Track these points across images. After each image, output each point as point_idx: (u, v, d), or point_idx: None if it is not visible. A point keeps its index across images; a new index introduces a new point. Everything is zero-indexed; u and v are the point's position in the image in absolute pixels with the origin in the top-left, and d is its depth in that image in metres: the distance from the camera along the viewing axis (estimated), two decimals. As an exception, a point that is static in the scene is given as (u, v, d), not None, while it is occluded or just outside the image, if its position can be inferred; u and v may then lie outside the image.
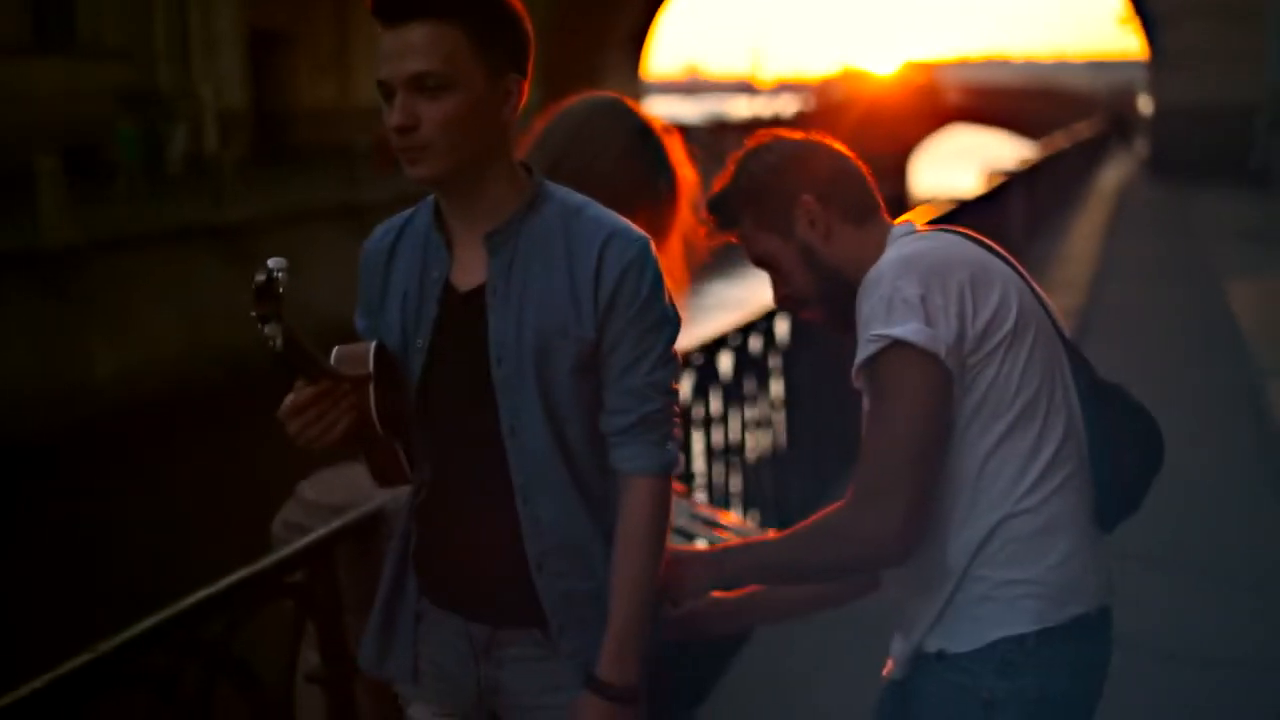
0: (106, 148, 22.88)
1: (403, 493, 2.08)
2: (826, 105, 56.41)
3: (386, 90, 1.83)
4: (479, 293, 1.93)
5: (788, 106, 56.18)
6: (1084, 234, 17.29)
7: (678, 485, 2.51)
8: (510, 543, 1.94)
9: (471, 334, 1.91)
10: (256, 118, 29.80)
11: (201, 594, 2.20)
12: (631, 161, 2.29)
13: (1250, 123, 23.00)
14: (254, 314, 1.67)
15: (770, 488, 5.21)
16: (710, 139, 39.75)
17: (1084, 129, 27.12)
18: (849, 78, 79.95)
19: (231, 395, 17.88)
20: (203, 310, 18.62)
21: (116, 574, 11.58)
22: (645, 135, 2.32)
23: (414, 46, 1.80)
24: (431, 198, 1.98)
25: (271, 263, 1.69)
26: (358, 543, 2.42)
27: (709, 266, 2.52)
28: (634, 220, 2.15)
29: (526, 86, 1.92)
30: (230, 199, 20.04)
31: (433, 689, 2.03)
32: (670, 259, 2.31)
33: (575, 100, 2.36)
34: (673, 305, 1.94)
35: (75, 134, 22.51)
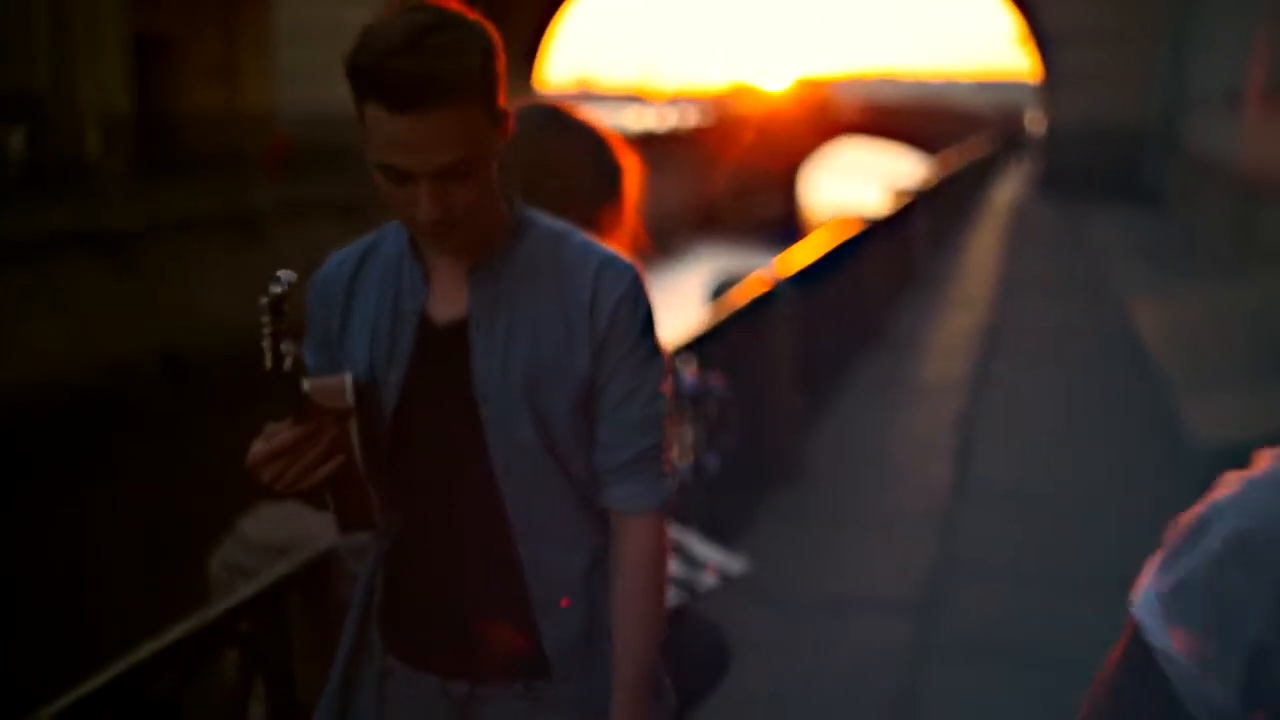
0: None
1: (355, 535, 1.91)
2: (720, 119, 56.74)
3: (400, 176, 1.66)
4: (460, 327, 1.80)
5: (681, 120, 56.36)
6: (983, 250, 17.50)
7: None
8: (505, 590, 1.81)
9: (453, 370, 1.78)
10: (141, 123, 29.03)
11: (146, 649, 2.03)
12: (588, 168, 2.27)
13: (1141, 142, 23.52)
14: (268, 330, 1.58)
15: (700, 510, 5.10)
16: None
17: (977, 146, 27.51)
18: (742, 92, 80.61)
19: (118, 408, 17.41)
20: (85, 321, 18.08)
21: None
22: (598, 141, 2.30)
23: (444, 136, 1.62)
24: (397, 224, 1.84)
25: (283, 275, 1.61)
26: (310, 587, 2.23)
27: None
28: (597, 225, 2.18)
29: None
30: (114, 205, 19.46)
31: None
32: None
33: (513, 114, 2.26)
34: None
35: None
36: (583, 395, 1.79)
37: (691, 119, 56.89)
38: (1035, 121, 40.26)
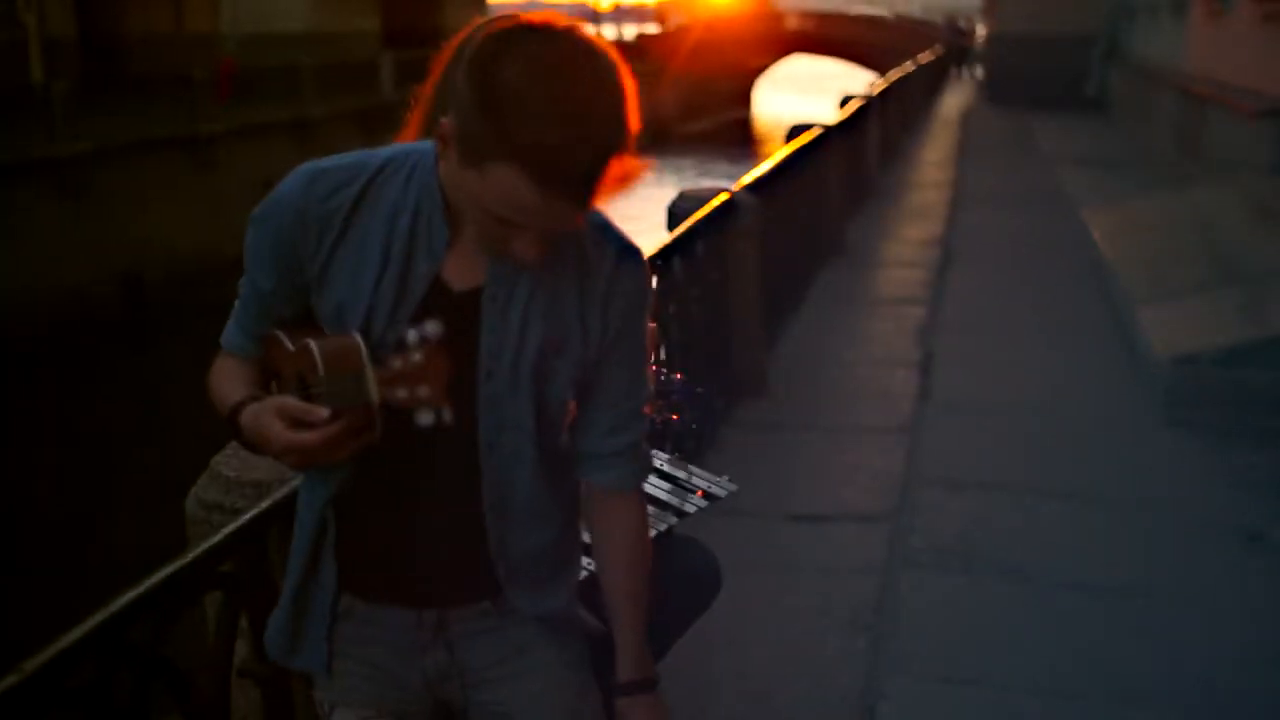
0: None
1: None
2: (667, 31, 56.19)
3: (513, 226, 1.59)
4: (474, 295, 1.73)
5: (627, 32, 55.75)
6: (934, 160, 17.50)
7: None
8: (469, 543, 1.82)
9: (457, 341, 1.71)
10: (85, 46, 28.37)
11: (129, 595, 1.97)
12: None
13: (1087, 50, 23.49)
14: (408, 394, 1.61)
15: (665, 426, 5.10)
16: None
17: (925, 57, 27.41)
18: (687, 2, 79.67)
19: (62, 343, 17.22)
20: (42, 249, 17.81)
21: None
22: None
23: (573, 212, 1.57)
24: (419, 167, 1.72)
25: (431, 330, 1.65)
26: (289, 523, 2.20)
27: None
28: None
29: None
30: (61, 131, 19.07)
31: (363, 689, 1.88)
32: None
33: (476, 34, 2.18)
34: None
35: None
36: (580, 379, 1.79)
37: (639, 31, 56.27)
38: (980, 29, 40.18)
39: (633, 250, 1.80)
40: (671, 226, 5.45)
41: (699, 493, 2.43)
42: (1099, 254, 9.33)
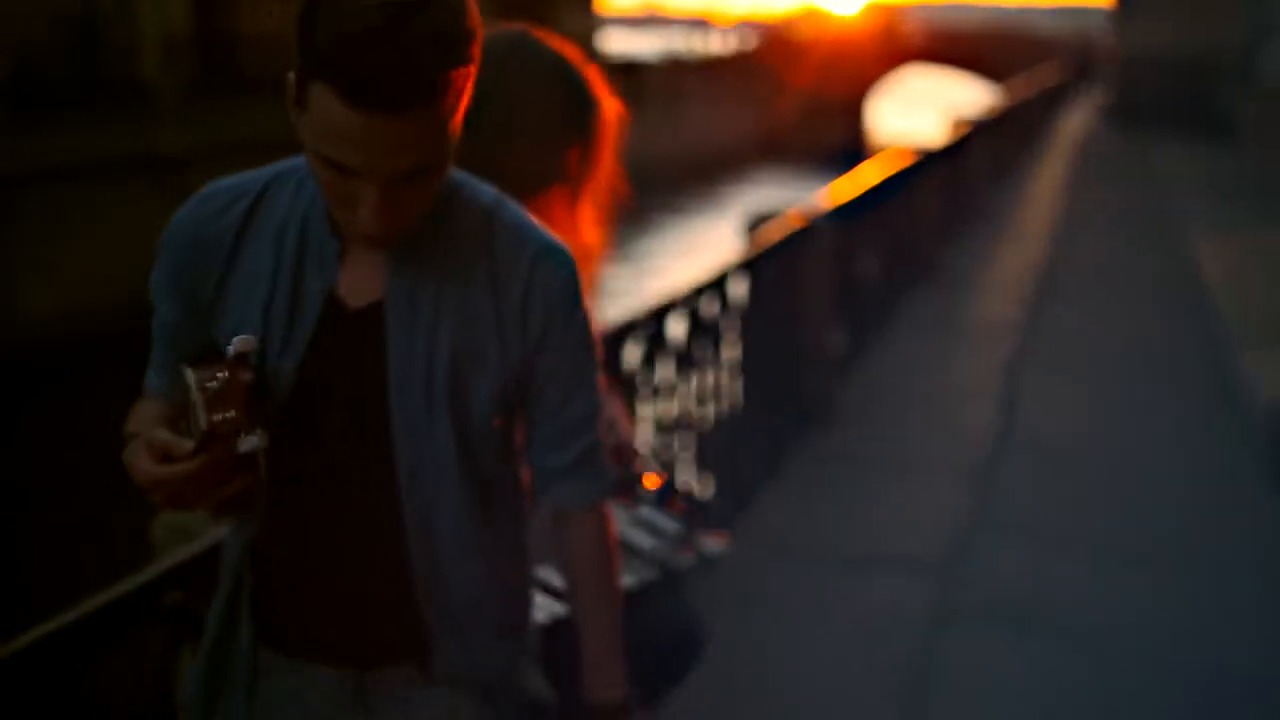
0: (45, 72, 22.05)
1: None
2: (788, 44, 55.82)
3: (344, 171, 1.41)
4: (375, 311, 1.57)
5: (746, 44, 55.50)
6: (1046, 183, 17.02)
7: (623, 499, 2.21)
8: (395, 600, 1.64)
9: (363, 361, 1.56)
10: (199, 43, 28.87)
11: (50, 626, 1.87)
12: (555, 103, 2.05)
13: (1217, 73, 22.72)
14: (221, 418, 1.44)
15: (725, 455, 4.90)
16: (666, 77, 39.27)
17: (1047, 73, 26.79)
18: (810, 16, 79.28)
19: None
20: (143, 242, 18.09)
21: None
22: (565, 69, 2.07)
23: (409, 140, 1.39)
24: (305, 176, 1.58)
25: (240, 343, 1.47)
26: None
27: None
28: (564, 167, 2.00)
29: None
30: (168, 127, 19.37)
31: None
32: (595, 207, 2.16)
33: None
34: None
35: (13, 57, 21.65)
36: (507, 394, 1.62)
37: (757, 43, 55.98)
38: (1108, 49, 39.21)
39: (553, 249, 1.62)
40: (746, 245, 5.26)
41: (689, 550, 2.22)
42: (1209, 290, 8.89)
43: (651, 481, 2.30)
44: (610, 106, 2.10)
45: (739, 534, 4.76)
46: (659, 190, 30.54)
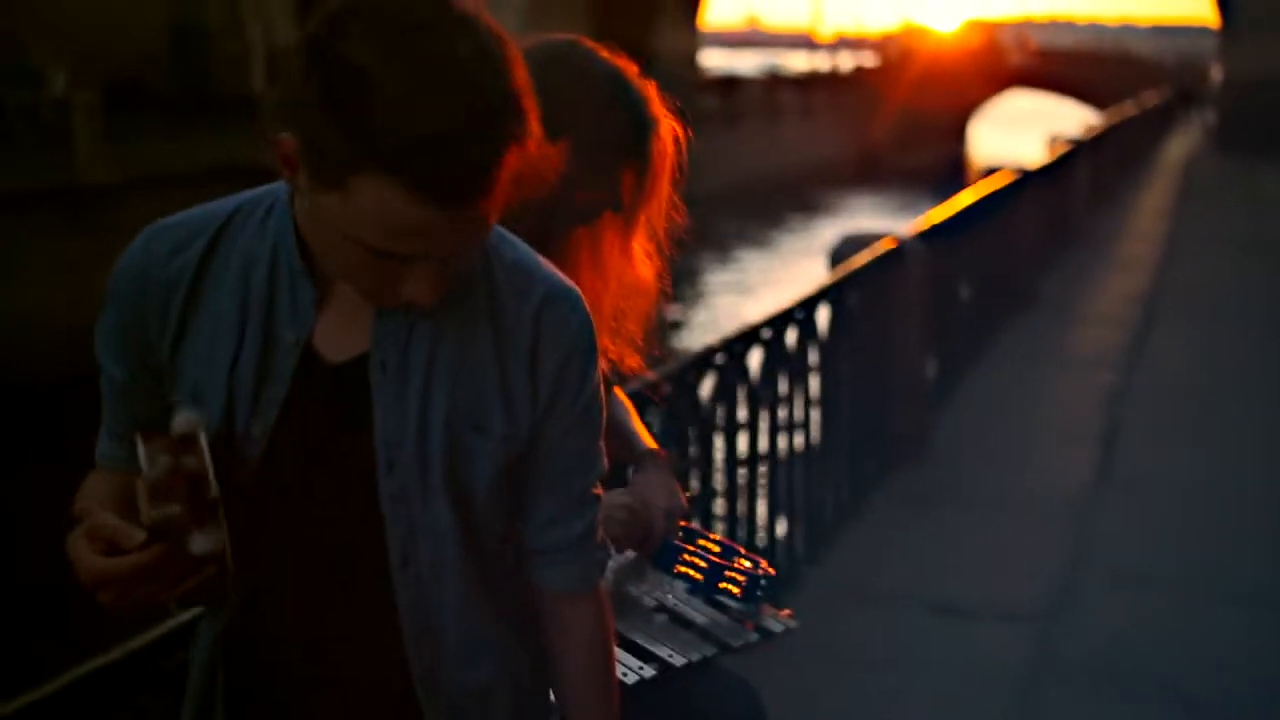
0: (156, 85, 22.45)
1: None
2: (887, 61, 55.33)
3: (394, 258, 1.22)
4: (358, 366, 1.35)
5: (846, 61, 55.08)
6: (1150, 208, 16.52)
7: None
8: (388, 682, 1.42)
9: (345, 426, 1.34)
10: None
11: (47, 689, 1.71)
12: (608, 121, 1.84)
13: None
14: (162, 515, 1.19)
15: (802, 495, 4.66)
16: (765, 93, 39.02)
17: (1151, 98, 26.14)
18: (910, 33, 78.68)
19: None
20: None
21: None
22: (620, 84, 1.86)
23: (478, 222, 1.22)
24: (278, 205, 1.35)
25: (181, 424, 1.22)
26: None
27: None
28: (617, 193, 1.83)
29: None
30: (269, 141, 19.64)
31: None
32: (651, 237, 1.96)
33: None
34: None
35: (123, 69, 22.06)
36: (511, 463, 1.39)
37: (858, 61, 55.55)
38: (1215, 72, 38.26)
39: (563, 290, 1.41)
40: (831, 271, 5.03)
41: (748, 625, 1.98)
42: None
43: (710, 548, 2.08)
44: (668, 126, 1.88)
45: (817, 578, 4.52)
46: (752, 208, 30.29)
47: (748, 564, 2.04)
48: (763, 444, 4.26)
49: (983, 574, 4.65)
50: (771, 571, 2.04)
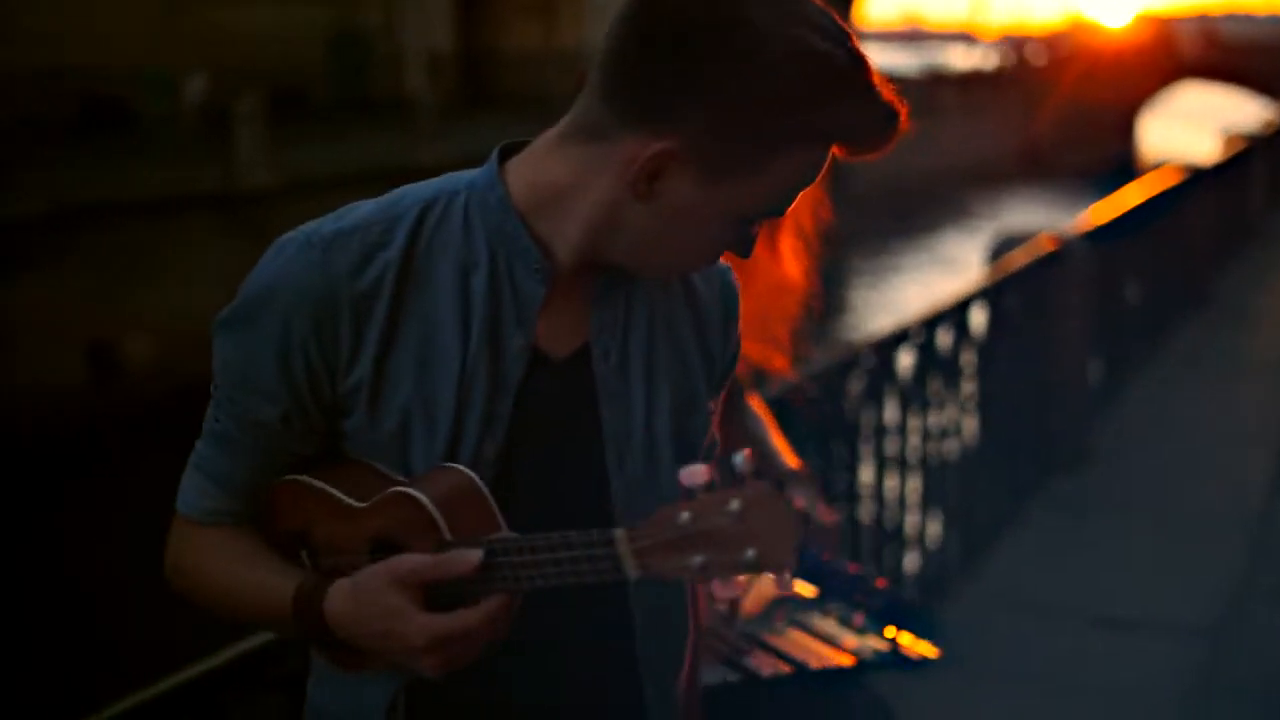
0: (313, 90, 23.01)
1: None
2: (1052, 57, 54.00)
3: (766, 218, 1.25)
4: (580, 361, 1.27)
5: (1009, 58, 53.92)
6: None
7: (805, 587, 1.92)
8: (621, 695, 1.34)
9: (574, 426, 1.27)
10: (463, 60, 29.74)
11: (149, 692, 1.68)
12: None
13: None
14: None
15: (956, 502, 4.51)
16: (925, 91, 38.43)
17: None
18: (1077, 29, 76.70)
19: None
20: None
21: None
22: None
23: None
24: (476, 202, 1.25)
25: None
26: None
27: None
28: None
29: None
30: (428, 142, 19.92)
31: None
32: (798, 236, 1.99)
33: None
34: None
35: (281, 74, 22.68)
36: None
37: (1021, 57, 54.34)
38: None
39: (727, 266, 1.41)
40: (990, 271, 4.88)
41: (888, 641, 1.89)
42: None
43: (850, 568, 2.00)
44: None
45: (971, 588, 4.37)
46: (910, 208, 29.86)
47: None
48: (915, 448, 4.15)
49: (1148, 587, 4.44)
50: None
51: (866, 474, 3.82)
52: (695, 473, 1.07)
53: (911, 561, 4.28)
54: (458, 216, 1.24)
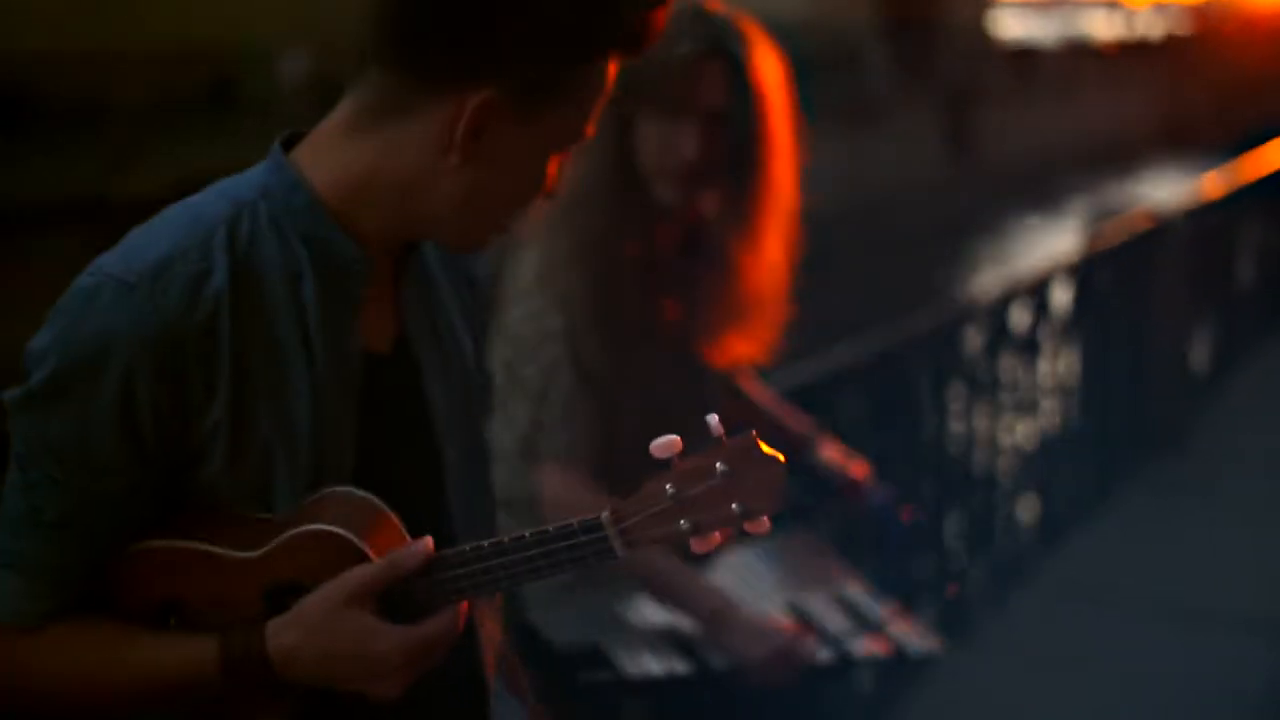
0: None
1: None
2: (1203, 26, 52.28)
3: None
4: (402, 351, 1.25)
5: (1157, 28, 52.38)
6: None
7: None
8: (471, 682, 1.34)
9: (407, 411, 1.25)
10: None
11: None
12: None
13: None
14: None
15: (1040, 481, 4.41)
16: (1062, 65, 37.43)
17: None
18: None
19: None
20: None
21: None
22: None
23: None
24: (276, 207, 1.17)
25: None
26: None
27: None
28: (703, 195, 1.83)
29: None
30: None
31: None
32: (774, 228, 1.85)
33: None
34: None
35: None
36: None
37: (1169, 26, 52.76)
38: None
39: None
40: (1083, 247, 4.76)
41: (881, 642, 1.84)
42: None
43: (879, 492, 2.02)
44: (774, 84, 1.74)
45: (1050, 570, 4.27)
46: (1042, 188, 29.23)
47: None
48: (991, 426, 4.06)
49: (1240, 581, 4.26)
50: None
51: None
52: (670, 444, 1.08)
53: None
54: (268, 229, 1.15)
